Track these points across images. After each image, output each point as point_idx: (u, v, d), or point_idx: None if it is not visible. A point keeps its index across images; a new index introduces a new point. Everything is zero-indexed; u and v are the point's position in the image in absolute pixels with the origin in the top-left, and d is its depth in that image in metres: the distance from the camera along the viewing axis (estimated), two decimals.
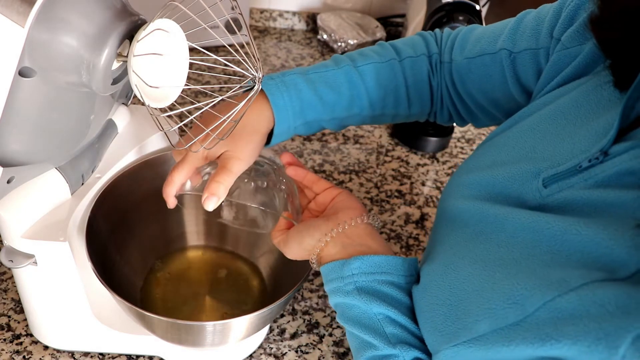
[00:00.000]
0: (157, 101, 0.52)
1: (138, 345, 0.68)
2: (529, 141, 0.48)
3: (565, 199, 0.41)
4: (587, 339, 0.33)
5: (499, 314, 0.39)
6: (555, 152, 0.45)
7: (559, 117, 0.47)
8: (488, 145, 0.54)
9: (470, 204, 0.49)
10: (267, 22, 1.47)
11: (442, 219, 0.54)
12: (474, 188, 0.50)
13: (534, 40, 0.55)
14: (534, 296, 0.37)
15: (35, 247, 0.56)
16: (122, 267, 0.69)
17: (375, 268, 0.50)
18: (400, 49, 0.66)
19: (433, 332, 0.45)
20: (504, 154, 0.50)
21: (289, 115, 0.61)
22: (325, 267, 0.53)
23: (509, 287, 0.39)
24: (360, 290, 0.49)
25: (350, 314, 0.50)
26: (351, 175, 1.03)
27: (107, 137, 0.65)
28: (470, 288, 0.43)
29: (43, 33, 0.43)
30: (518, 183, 0.46)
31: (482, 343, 0.39)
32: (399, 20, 1.48)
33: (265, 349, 0.72)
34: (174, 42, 0.51)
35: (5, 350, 0.68)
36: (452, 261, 0.47)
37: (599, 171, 0.40)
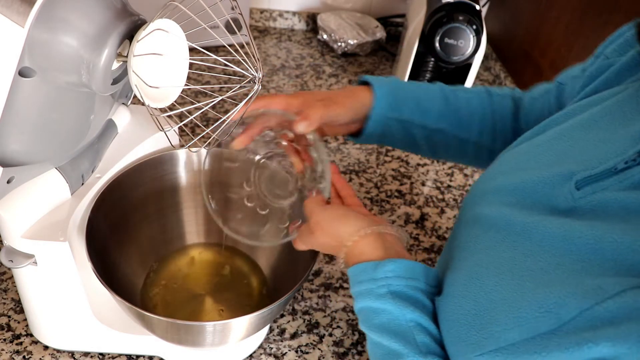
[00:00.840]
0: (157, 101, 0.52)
1: (138, 345, 0.68)
2: (559, 147, 0.48)
3: (598, 201, 0.40)
4: (628, 340, 0.32)
5: (531, 323, 0.38)
6: (588, 156, 0.44)
7: (592, 125, 0.47)
8: (515, 152, 0.54)
9: (495, 211, 0.48)
10: (267, 22, 1.47)
11: (465, 226, 0.52)
12: (501, 194, 0.49)
13: (581, 70, 0.58)
14: (569, 305, 0.36)
15: (35, 247, 0.56)
16: (122, 267, 0.69)
17: (408, 273, 0.47)
18: (488, 88, 0.70)
19: (456, 342, 0.44)
20: (532, 160, 0.49)
21: (385, 104, 0.63)
22: (356, 267, 0.50)
23: (541, 296, 0.38)
24: (393, 295, 0.46)
25: (378, 320, 0.47)
26: (351, 175, 1.03)
27: (107, 137, 0.65)
28: (498, 298, 0.41)
29: (43, 33, 0.43)
30: (549, 187, 0.45)
31: (510, 352, 0.38)
32: (399, 20, 1.48)
33: (265, 349, 0.72)
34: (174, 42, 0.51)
35: (5, 350, 0.68)
36: (476, 271, 0.45)
37: (635, 172, 0.39)
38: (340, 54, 1.39)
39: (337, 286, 0.82)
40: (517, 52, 1.33)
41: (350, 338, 0.75)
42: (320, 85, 1.27)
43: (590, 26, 1.04)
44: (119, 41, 0.47)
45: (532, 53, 1.25)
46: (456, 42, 1.01)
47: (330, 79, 1.30)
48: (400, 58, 1.16)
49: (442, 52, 1.01)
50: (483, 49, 1.04)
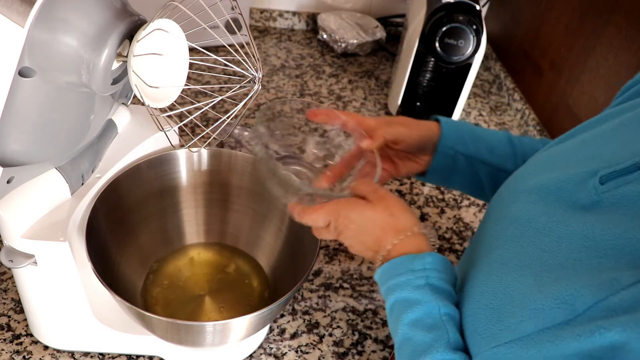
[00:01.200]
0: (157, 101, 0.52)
1: (138, 345, 0.68)
2: (588, 149, 0.49)
3: (622, 195, 0.41)
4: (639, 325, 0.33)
5: (547, 314, 0.38)
6: (615, 155, 0.44)
7: (622, 129, 0.48)
8: (545, 154, 0.55)
9: (518, 209, 0.48)
10: (267, 22, 1.47)
11: (489, 224, 0.53)
12: (526, 193, 0.49)
13: None
14: (584, 296, 0.37)
15: (35, 247, 0.56)
16: (122, 267, 0.69)
17: (443, 266, 0.48)
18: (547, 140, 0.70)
19: (473, 336, 0.44)
20: (560, 161, 0.50)
21: (453, 136, 0.64)
22: (392, 261, 0.49)
23: (557, 289, 0.39)
24: (432, 287, 0.47)
25: (413, 314, 0.46)
26: None
27: (107, 137, 0.65)
28: (515, 292, 0.42)
29: (43, 33, 0.43)
30: (573, 184, 0.45)
31: (524, 342, 0.39)
32: (399, 20, 1.48)
33: (265, 349, 0.72)
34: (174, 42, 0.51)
35: (5, 350, 0.68)
36: (496, 267, 0.46)
37: None
38: (340, 54, 1.39)
39: (337, 286, 0.82)
40: (517, 52, 1.33)
41: (350, 338, 0.75)
42: (320, 85, 1.27)
43: (590, 26, 1.04)
44: (119, 41, 0.47)
45: (532, 53, 1.25)
46: (456, 42, 1.00)
47: (330, 79, 1.30)
48: (400, 58, 1.16)
49: (442, 52, 1.01)
50: (483, 49, 1.04)
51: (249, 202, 0.75)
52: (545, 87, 1.19)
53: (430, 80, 1.12)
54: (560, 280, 0.39)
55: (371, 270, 0.85)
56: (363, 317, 0.78)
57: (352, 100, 1.24)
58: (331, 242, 0.89)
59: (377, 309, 0.79)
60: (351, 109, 1.21)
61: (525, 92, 1.27)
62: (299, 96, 1.22)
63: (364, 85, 1.29)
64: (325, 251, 0.87)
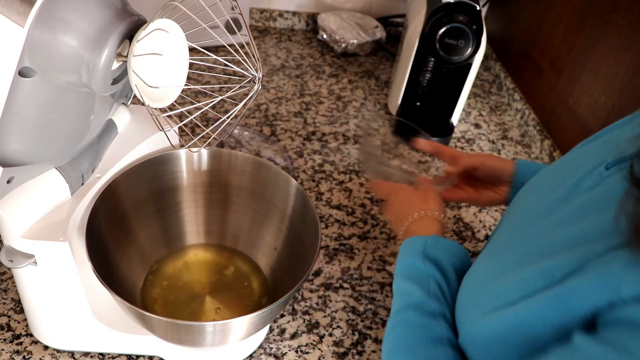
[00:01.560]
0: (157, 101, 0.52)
1: (138, 345, 0.68)
2: (605, 148, 0.51)
3: (620, 176, 0.43)
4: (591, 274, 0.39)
5: (530, 283, 0.43)
6: (623, 147, 0.47)
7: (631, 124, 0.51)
8: (570, 155, 0.59)
9: (527, 198, 0.56)
10: (267, 22, 1.47)
11: (504, 216, 0.61)
12: (540, 187, 0.56)
13: None
14: (563, 266, 0.42)
15: (35, 247, 0.56)
16: (122, 267, 0.69)
17: (445, 246, 0.59)
18: None
19: (468, 307, 0.51)
20: (580, 159, 0.54)
21: (525, 172, 0.71)
22: (410, 239, 0.61)
23: (544, 264, 0.43)
24: (424, 255, 0.57)
25: (407, 271, 0.57)
26: (351, 175, 1.03)
27: (107, 137, 0.65)
28: (508, 267, 0.48)
29: (43, 33, 0.43)
30: (581, 172, 0.49)
31: (507, 308, 0.44)
32: (399, 20, 1.48)
33: (265, 349, 0.72)
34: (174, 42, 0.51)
35: (5, 350, 0.68)
36: (495, 246, 0.54)
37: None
38: (340, 54, 1.39)
39: (337, 286, 0.82)
40: (517, 52, 1.33)
41: (350, 338, 0.75)
42: (320, 85, 1.27)
43: (590, 26, 1.04)
44: (119, 41, 0.47)
45: (532, 53, 1.25)
46: (456, 42, 1.00)
47: (330, 79, 1.30)
48: (400, 58, 1.16)
49: (442, 52, 1.01)
50: (483, 49, 1.04)
51: (249, 202, 0.75)
52: (545, 87, 1.19)
53: (430, 80, 1.12)
54: (550, 256, 0.44)
55: (371, 270, 0.85)
56: (363, 317, 0.78)
57: (352, 100, 1.24)
58: (331, 242, 0.89)
59: (377, 309, 0.79)
60: (351, 109, 1.21)
61: (525, 92, 1.27)
62: (299, 96, 1.22)
63: (364, 85, 1.29)
64: (325, 251, 0.87)
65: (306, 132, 1.12)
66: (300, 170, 1.02)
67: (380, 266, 0.86)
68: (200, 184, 0.75)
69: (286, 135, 1.10)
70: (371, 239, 0.90)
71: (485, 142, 1.18)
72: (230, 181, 0.75)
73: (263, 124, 1.12)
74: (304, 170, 1.02)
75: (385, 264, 0.86)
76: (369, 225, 0.93)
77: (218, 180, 0.75)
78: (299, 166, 1.03)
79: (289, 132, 1.11)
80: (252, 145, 1.04)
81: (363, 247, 0.89)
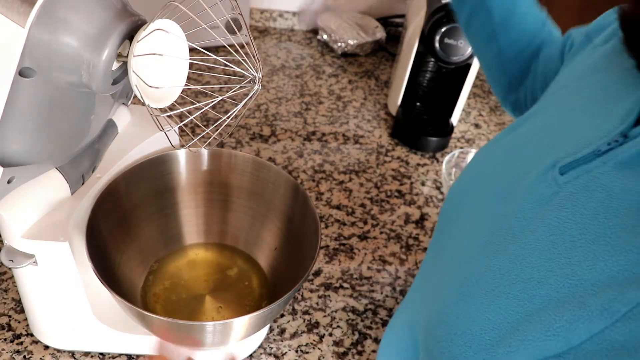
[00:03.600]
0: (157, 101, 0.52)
1: (138, 345, 0.68)
2: (542, 140, 0.46)
3: (582, 185, 0.39)
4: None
5: (539, 346, 0.36)
6: (571, 142, 0.42)
7: (574, 112, 0.46)
8: (496, 148, 0.52)
9: (478, 215, 0.47)
10: (267, 22, 1.47)
11: (447, 232, 0.51)
12: (483, 198, 0.48)
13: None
14: (578, 329, 0.35)
15: (35, 247, 0.56)
16: (123, 267, 0.69)
17: None
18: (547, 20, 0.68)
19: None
20: (514, 157, 0.48)
21: None
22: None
23: (546, 320, 0.36)
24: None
25: None
26: (351, 175, 1.03)
27: (107, 137, 0.65)
28: (498, 319, 0.39)
29: (44, 33, 0.43)
30: (533, 182, 0.43)
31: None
32: (399, 21, 1.48)
33: (265, 349, 0.72)
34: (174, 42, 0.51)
35: (5, 350, 0.68)
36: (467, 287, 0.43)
37: (618, 153, 0.38)
38: (340, 54, 1.39)
39: (337, 286, 0.82)
40: None
41: (350, 338, 0.75)
42: (320, 85, 1.27)
43: None
44: (119, 41, 0.47)
45: None
46: (456, 42, 1.00)
47: (330, 79, 1.30)
48: (400, 58, 1.16)
49: (442, 52, 1.01)
50: None
51: (249, 202, 0.75)
52: None
53: (430, 80, 1.12)
54: (546, 308, 0.37)
55: (371, 270, 0.85)
56: (363, 317, 0.78)
57: (352, 100, 1.24)
58: (331, 242, 0.89)
59: (377, 309, 0.79)
60: (351, 109, 1.21)
61: None
62: (299, 96, 1.22)
63: (364, 86, 1.29)
64: (325, 251, 0.87)
65: (306, 132, 1.12)
66: (300, 170, 1.02)
67: (380, 266, 0.86)
68: (201, 184, 0.75)
69: (286, 135, 1.10)
70: (371, 239, 0.90)
71: (485, 141, 1.18)
72: (230, 181, 0.75)
73: (263, 124, 1.12)
74: (304, 170, 1.02)
75: (385, 264, 0.86)
76: (369, 225, 0.93)
77: (218, 180, 0.75)
78: (299, 166, 1.03)
79: (289, 132, 1.11)
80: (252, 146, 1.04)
81: (363, 247, 0.89)
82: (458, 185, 0.54)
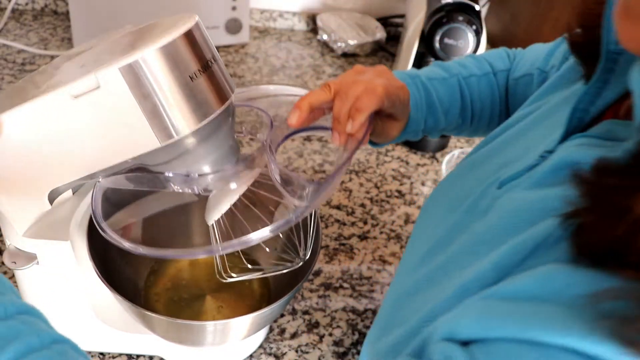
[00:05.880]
0: None
1: (138, 344, 0.68)
2: (498, 156, 0.49)
3: (507, 199, 0.40)
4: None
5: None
6: (515, 161, 0.45)
7: (525, 133, 0.48)
8: (468, 161, 0.54)
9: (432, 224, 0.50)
10: (267, 22, 1.47)
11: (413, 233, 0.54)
12: (447, 207, 0.50)
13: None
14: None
15: (37, 246, 0.56)
16: (124, 267, 0.69)
17: None
18: (493, 62, 0.69)
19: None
20: (473, 169, 0.51)
21: (420, 112, 0.62)
22: None
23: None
24: None
25: None
26: (351, 175, 1.03)
27: None
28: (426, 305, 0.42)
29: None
30: (479, 193, 0.45)
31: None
32: (399, 21, 1.48)
33: (265, 349, 0.72)
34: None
35: None
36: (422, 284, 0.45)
37: (539, 169, 0.40)
38: (340, 54, 1.40)
39: (337, 286, 0.82)
40: None
41: (350, 338, 0.75)
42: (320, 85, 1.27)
43: None
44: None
45: None
46: (456, 42, 1.01)
47: (330, 79, 1.30)
48: (400, 58, 1.16)
49: (442, 52, 1.01)
50: (483, 49, 1.04)
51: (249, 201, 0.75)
52: None
53: None
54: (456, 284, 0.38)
55: (371, 270, 0.85)
56: (363, 317, 0.78)
57: None
58: (331, 242, 0.89)
59: (377, 309, 0.80)
60: None
61: None
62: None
63: None
64: (325, 251, 0.87)
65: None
66: (300, 170, 1.02)
67: (380, 266, 0.86)
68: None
69: None
70: (371, 239, 0.91)
71: None
72: None
73: None
74: (304, 170, 1.02)
75: (385, 264, 0.86)
76: (369, 225, 0.93)
77: None
78: (299, 166, 1.03)
79: None
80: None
81: (363, 247, 0.89)
82: (431, 194, 0.56)
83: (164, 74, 0.43)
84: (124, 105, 0.43)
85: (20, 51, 1.22)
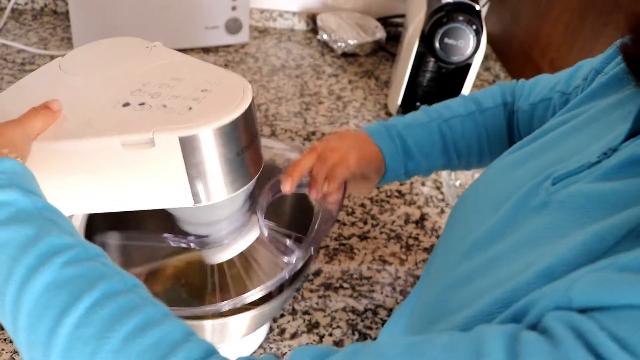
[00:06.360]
0: None
1: None
2: (544, 159, 0.50)
3: (568, 194, 0.42)
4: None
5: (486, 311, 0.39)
6: (568, 158, 0.46)
7: (576, 133, 0.49)
8: (502, 164, 0.55)
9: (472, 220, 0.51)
10: (267, 22, 1.47)
11: (447, 240, 0.54)
12: (485, 209, 0.51)
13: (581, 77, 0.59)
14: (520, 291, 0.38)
15: None
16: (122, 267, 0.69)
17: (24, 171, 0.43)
18: (480, 101, 0.71)
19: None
20: (519, 168, 0.51)
21: (395, 163, 0.66)
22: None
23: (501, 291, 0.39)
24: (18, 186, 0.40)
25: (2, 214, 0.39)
26: None
27: None
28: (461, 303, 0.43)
29: None
30: (529, 189, 0.46)
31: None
32: (399, 21, 1.48)
33: (265, 349, 0.72)
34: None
35: (5, 350, 0.68)
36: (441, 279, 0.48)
37: (604, 164, 0.41)
38: (340, 54, 1.40)
39: (337, 286, 0.82)
40: (517, 52, 1.33)
41: (350, 338, 0.75)
42: (320, 85, 1.27)
43: (590, 26, 1.04)
44: None
45: (532, 53, 1.26)
46: (456, 42, 1.01)
47: (330, 79, 1.30)
48: (400, 58, 1.16)
49: (442, 52, 1.01)
50: (483, 49, 1.04)
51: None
52: None
53: (430, 80, 1.13)
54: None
55: (371, 270, 0.85)
56: (363, 317, 0.78)
57: (352, 100, 1.24)
58: (331, 242, 0.89)
59: (377, 309, 0.79)
60: (351, 109, 1.21)
61: None
62: (299, 96, 1.22)
63: (364, 86, 1.29)
64: (325, 251, 0.87)
65: (306, 132, 1.12)
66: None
67: (380, 266, 0.86)
68: None
69: (286, 135, 1.10)
70: (371, 239, 0.90)
71: None
72: None
73: (263, 124, 1.12)
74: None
75: (385, 264, 0.86)
76: (369, 225, 0.93)
77: None
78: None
79: (289, 132, 1.11)
80: None
81: (363, 247, 0.89)
82: (463, 194, 0.57)
83: (217, 149, 0.46)
84: (172, 167, 0.45)
85: (19, 51, 1.22)
